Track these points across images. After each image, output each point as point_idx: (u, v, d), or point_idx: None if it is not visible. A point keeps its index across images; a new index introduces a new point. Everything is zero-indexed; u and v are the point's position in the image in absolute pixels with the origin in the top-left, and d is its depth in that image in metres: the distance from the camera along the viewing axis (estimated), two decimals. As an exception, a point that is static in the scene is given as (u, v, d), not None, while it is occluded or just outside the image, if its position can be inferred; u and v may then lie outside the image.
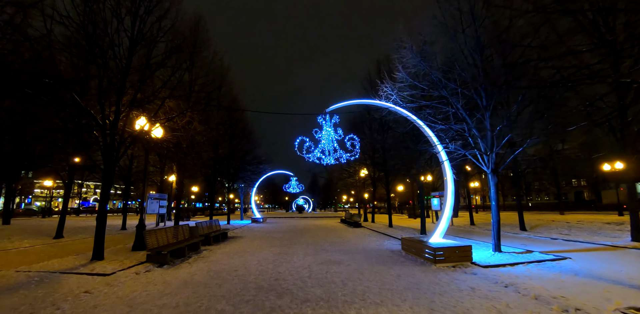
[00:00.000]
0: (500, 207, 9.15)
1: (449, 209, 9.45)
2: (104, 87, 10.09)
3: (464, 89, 10.10)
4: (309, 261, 8.60)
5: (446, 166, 9.70)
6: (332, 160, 9.96)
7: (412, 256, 9.40)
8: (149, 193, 22.06)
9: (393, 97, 9.77)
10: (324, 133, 9.72)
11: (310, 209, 71.48)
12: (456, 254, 8.16)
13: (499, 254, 9.23)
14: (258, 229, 20.29)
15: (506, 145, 10.09)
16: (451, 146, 10.05)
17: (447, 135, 10.15)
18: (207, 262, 8.81)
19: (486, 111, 10.00)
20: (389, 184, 20.82)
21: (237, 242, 13.26)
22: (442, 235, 9.42)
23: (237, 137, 23.05)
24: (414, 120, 9.88)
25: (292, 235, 15.90)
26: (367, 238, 14.60)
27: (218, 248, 11.65)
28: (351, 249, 10.91)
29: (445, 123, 10.04)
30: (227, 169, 22.76)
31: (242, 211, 31.26)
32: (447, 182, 9.56)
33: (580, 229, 16.79)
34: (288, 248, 11.31)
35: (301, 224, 25.23)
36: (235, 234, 16.44)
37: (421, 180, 14.94)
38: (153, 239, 9.10)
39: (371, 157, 23.33)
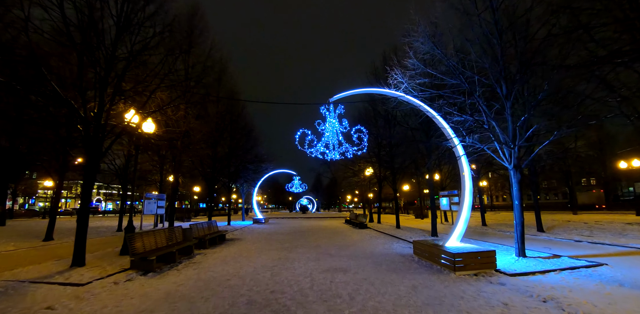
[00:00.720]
0: (520, 207, 8.19)
1: (467, 209, 8.47)
2: (87, 76, 9.26)
3: (481, 77, 9.14)
4: (311, 268, 7.67)
5: (463, 162, 8.72)
6: (337, 155, 8.98)
7: (426, 261, 8.44)
8: (146, 193, 21.32)
9: (404, 85, 8.81)
10: (328, 125, 8.74)
11: (314, 209, 70.53)
12: (478, 261, 7.19)
13: (524, 260, 8.25)
14: (259, 230, 19.40)
15: (529, 138, 9.08)
16: (468, 140, 9.08)
17: (464, 127, 9.17)
18: (198, 269, 7.92)
19: (507, 101, 9.02)
20: (396, 183, 19.84)
21: (235, 245, 12.38)
22: (459, 238, 8.45)
23: (238, 134, 22.18)
24: (427, 110, 8.92)
25: (294, 237, 14.98)
26: (374, 240, 13.64)
27: (213, 251, 10.76)
28: (358, 253, 9.96)
29: (462, 114, 9.07)
30: (227, 168, 21.90)
31: (244, 211, 30.39)
32: (464, 180, 8.58)
33: (601, 230, 15.70)
34: (289, 251, 10.39)
35: (304, 225, 24.31)
36: (234, 236, 15.56)
37: (431, 178, 13.94)
38: (139, 243, 8.23)
39: (377, 154, 22.37)
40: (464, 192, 8.54)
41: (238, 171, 22.73)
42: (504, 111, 9.09)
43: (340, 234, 16.12)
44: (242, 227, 21.38)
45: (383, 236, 15.21)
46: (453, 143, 8.86)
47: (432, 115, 8.97)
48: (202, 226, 12.78)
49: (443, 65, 9.29)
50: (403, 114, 15.71)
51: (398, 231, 17.22)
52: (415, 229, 18.55)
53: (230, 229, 19.51)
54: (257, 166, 25.42)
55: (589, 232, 15.02)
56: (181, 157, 13.50)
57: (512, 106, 9.14)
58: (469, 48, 9.17)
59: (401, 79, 8.73)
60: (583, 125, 8.63)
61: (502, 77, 9.12)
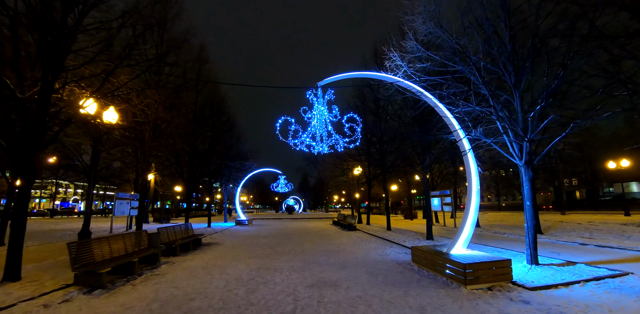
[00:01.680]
0: (532, 209, 7.15)
1: (473, 211, 7.41)
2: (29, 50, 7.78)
3: (487, 64, 8.14)
4: (295, 281, 6.44)
5: (470, 157, 7.67)
6: (326, 148, 7.74)
7: (428, 271, 7.34)
8: (117, 193, 19.59)
9: (403, 69, 7.70)
10: (316, 113, 7.50)
11: (301, 209, 69.21)
12: (492, 272, 6.12)
13: (538, 269, 7.25)
14: (241, 233, 18.02)
15: (542, 130, 8.10)
16: (474, 133, 8.04)
17: (469, 118, 8.13)
18: (159, 283, 6.58)
19: (516, 90, 8.03)
20: (386, 182, 18.82)
21: (210, 251, 11.02)
22: (465, 244, 7.38)
23: (219, 129, 20.72)
24: (428, 98, 7.83)
25: (278, 241, 13.71)
26: (366, 244, 12.51)
27: (184, 259, 9.40)
28: (349, 261, 8.79)
29: (468, 103, 8.02)
30: (208, 165, 20.41)
31: (226, 212, 28.80)
32: (471, 178, 7.53)
33: (600, 231, 15.07)
34: (270, 259, 9.13)
35: (290, 226, 23.03)
36: (212, 240, 14.17)
37: (426, 177, 12.92)
38: (87, 252, 6.83)
39: (367, 152, 21.31)
40: (471, 192, 7.49)
41: (219, 169, 21.25)
42: (512, 102, 8.12)
43: (328, 238, 14.94)
44: (223, 229, 19.93)
45: (374, 239, 14.10)
46: (458, 136, 7.80)
47: (433, 104, 7.89)
48: (174, 230, 11.37)
49: (445, 50, 8.23)
50: (397, 107, 14.69)
51: (390, 233, 16.17)
52: (407, 231, 17.55)
53: (209, 232, 18.06)
54: (239, 163, 23.97)
55: (589, 233, 14.32)
56: (151, 153, 12.02)
57: (522, 96, 8.18)
58: (473, 30, 8.16)
59: (400, 62, 7.61)
60: (601, 117, 7.69)
61: (511, 63, 8.15)
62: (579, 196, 58.41)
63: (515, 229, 17.24)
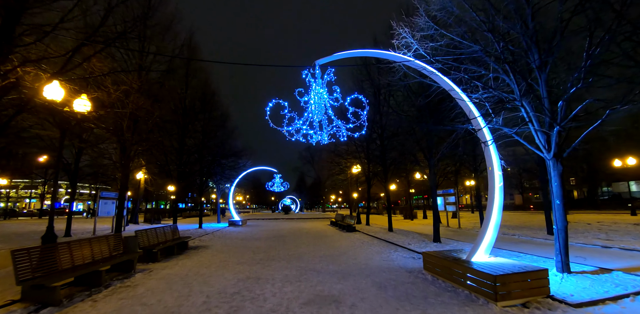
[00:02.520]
0: (563, 208, 6.05)
1: (497, 211, 6.38)
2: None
3: (508, 44, 7.14)
4: (289, 296, 5.37)
5: (491, 150, 6.65)
6: (326, 137, 6.61)
7: (445, 281, 6.30)
8: (101, 192, 18.38)
9: (414, 47, 6.67)
10: (313, 95, 6.38)
11: (297, 209, 68.09)
12: (526, 285, 5.08)
13: (572, 278, 6.24)
14: (233, 235, 16.91)
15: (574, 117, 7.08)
16: (495, 121, 7.02)
17: (490, 104, 7.11)
18: (126, 298, 5.47)
19: (540, 72, 7.03)
20: (387, 181, 17.79)
21: (196, 256, 9.91)
22: (488, 250, 6.35)
23: (211, 124, 19.58)
24: (444, 81, 6.79)
25: (272, 244, 12.63)
26: (368, 247, 11.47)
27: (164, 266, 8.29)
28: (351, 268, 7.73)
29: (486, 89, 7.00)
30: (199, 162, 19.27)
31: (219, 212, 27.59)
32: (493, 173, 6.50)
33: (616, 232, 14.16)
34: (262, 266, 8.05)
35: (286, 227, 21.93)
36: (200, 243, 13.05)
37: (434, 173, 11.89)
38: (44, 260, 5.72)
39: (366, 149, 20.29)
40: (494, 189, 6.46)
41: (211, 166, 20.11)
42: (535, 86, 7.11)
43: (326, 240, 13.87)
44: (214, 231, 18.79)
45: (377, 241, 13.06)
46: (477, 125, 6.76)
47: (449, 87, 6.85)
48: (155, 232, 10.25)
49: (461, 26, 7.20)
50: (401, 100, 13.66)
51: (392, 235, 15.13)
52: (410, 232, 16.53)
53: (199, 233, 16.92)
54: (233, 161, 22.84)
55: (605, 235, 13.39)
56: (132, 147, 10.88)
57: (548, 78, 7.18)
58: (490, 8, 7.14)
59: (410, 39, 6.56)
60: None
61: (534, 43, 7.16)
62: (576, 195, 57.87)
63: (524, 230, 16.29)
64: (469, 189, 54.24)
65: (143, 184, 28.90)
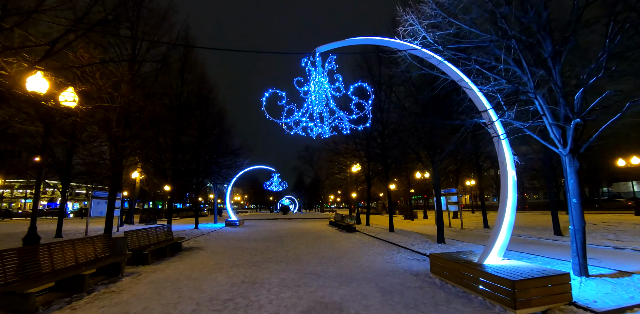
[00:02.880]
0: (580, 207, 5.55)
1: (510, 210, 5.94)
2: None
3: (520, 34, 6.71)
4: (287, 303, 4.91)
5: (504, 144, 6.20)
6: (328, 130, 6.12)
7: (454, 286, 5.84)
8: (93, 191, 17.87)
9: (421, 34, 6.22)
10: (313, 85, 5.90)
11: (296, 209, 67.60)
12: (547, 291, 4.64)
13: (591, 282, 5.80)
14: (229, 235, 16.43)
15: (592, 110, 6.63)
16: (507, 114, 6.58)
17: (501, 95, 6.67)
18: (108, 306, 5.00)
19: (554, 63, 6.60)
20: (388, 180, 17.34)
21: (189, 258, 9.44)
22: (501, 253, 5.90)
23: (207, 122, 19.11)
24: (453, 72, 6.35)
25: (270, 245, 12.16)
26: (369, 248, 11.01)
27: (155, 269, 7.81)
28: (353, 271, 7.27)
29: (498, 80, 6.56)
30: (195, 161, 18.78)
31: (216, 212, 27.05)
32: (506, 169, 6.06)
33: (624, 233, 13.76)
34: (258, 269, 7.59)
35: (284, 227, 21.45)
36: (195, 244, 12.56)
37: (438, 171, 11.43)
38: (23, 263, 5.25)
39: (366, 147, 19.85)
40: (507, 187, 6.01)
41: (207, 165, 19.61)
42: (551, 77, 6.68)
43: (326, 240, 13.41)
44: (210, 231, 18.30)
45: (378, 242, 12.60)
46: (489, 119, 6.32)
47: (458, 78, 6.41)
48: (147, 233, 9.77)
49: (470, 14, 6.76)
50: (402, 96, 13.20)
51: (393, 235, 14.69)
52: (411, 232, 16.09)
53: (194, 234, 16.43)
54: (230, 160, 22.34)
55: (614, 235, 12.98)
56: (124, 144, 10.37)
57: (563, 70, 6.76)
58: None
59: (418, 26, 6.11)
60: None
61: (547, 33, 6.74)
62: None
63: (528, 230, 15.87)
64: (469, 189, 53.89)
65: (139, 184, 28.40)
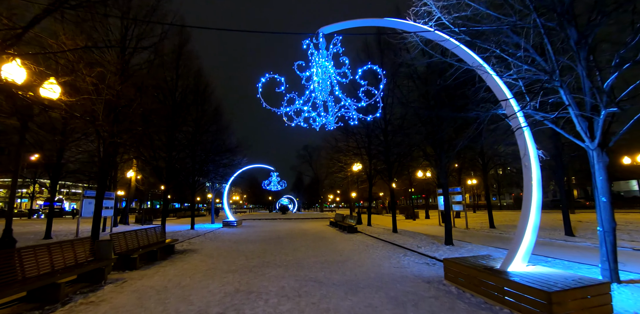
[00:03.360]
0: (609, 206, 4.85)
1: (535, 210, 5.32)
2: None
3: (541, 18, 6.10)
4: (287, 318, 4.29)
5: (527, 137, 5.59)
6: (332, 120, 5.43)
7: (474, 295, 5.23)
8: (85, 191, 17.20)
9: (435, 16, 5.61)
10: (317, 70, 5.22)
11: (295, 209, 66.98)
12: (586, 302, 4.03)
13: (625, 290, 5.21)
14: (226, 236, 15.79)
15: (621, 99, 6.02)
16: (530, 105, 5.97)
17: (523, 83, 6.06)
18: (82, 321, 4.37)
19: (579, 50, 5.99)
20: (392, 178, 16.73)
21: (181, 262, 8.80)
22: (526, 258, 5.29)
23: (203, 119, 18.45)
24: (469, 56, 5.73)
25: (268, 247, 11.53)
26: (373, 250, 10.40)
27: (142, 275, 7.17)
28: (359, 277, 6.66)
29: (518, 68, 5.96)
30: (191, 158, 18.13)
31: (213, 212, 26.38)
32: (530, 164, 5.45)
33: (636, 232, 13.24)
34: (255, 275, 6.96)
35: (283, 228, 20.82)
36: (189, 246, 11.93)
37: (446, 168, 10.83)
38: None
39: (367, 145, 19.25)
40: (531, 185, 5.39)
41: (203, 164, 18.96)
42: (576, 66, 6.07)
43: (326, 242, 12.79)
44: (207, 232, 17.66)
45: (382, 244, 11.99)
46: (509, 109, 5.71)
47: (476, 63, 5.79)
48: (136, 235, 9.13)
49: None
50: (406, 90, 12.60)
51: (397, 236, 14.08)
52: (416, 233, 15.48)
53: (189, 235, 15.79)
54: (228, 159, 21.68)
55: (628, 235, 12.43)
56: (112, 139, 9.70)
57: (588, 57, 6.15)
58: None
59: (432, 4, 5.49)
60: None
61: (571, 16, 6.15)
62: (576, 194, 57.24)
63: (543, 231, 15.30)
64: (470, 188, 53.28)
65: (134, 183, 27.71)
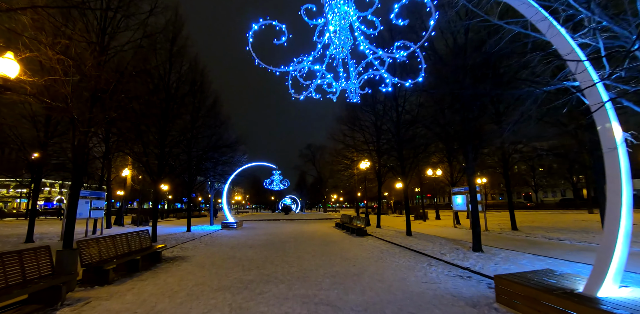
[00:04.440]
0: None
1: (626, 213, 3.91)
2: None
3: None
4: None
5: (611, 116, 4.17)
6: (356, 84, 3.80)
7: (547, 329, 3.82)
8: (69, 189, 15.93)
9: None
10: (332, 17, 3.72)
11: (298, 209, 65.59)
12: None
13: None
14: (223, 240, 14.45)
15: None
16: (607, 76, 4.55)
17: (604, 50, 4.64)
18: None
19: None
20: (406, 174, 15.31)
21: (165, 274, 7.44)
22: (618, 278, 3.88)
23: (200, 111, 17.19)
24: (531, 4, 4.34)
25: (269, 254, 10.17)
26: (391, 258, 9.00)
27: (112, 293, 5.81)
28: (382, 298, 5.26)
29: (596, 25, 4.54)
30: (186, 154, 16.83)
31: (212, 213, 25.02)
32: (616, 149, 4.03)
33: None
34: (251, 294, 5.59)
35: (286, 230, 19.42)
36: (179, 253, 10.58)
37: (473, 160, 9.37)
38: None
39: (376, 141, 17.90)
40: (618, 178, 3.98)
41: (200, 161, 17.63)
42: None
43: (335, 247, 11.41)
44: (203, 235, 16.32)
45: (399, 249, 10.58)
46: (586, 75, 4.29)
47: (538, 16, 4.38)
48: (114, 241, 7.79)
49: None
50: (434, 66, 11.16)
51: (413, 240, 12.66)
52: (433, 236, 14.05)
53: (184, 238, 14.45)
54: (225, 154, 20.35)
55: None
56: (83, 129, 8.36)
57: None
58: None
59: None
60: None
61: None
62: (585, 194, 55.61)
63: (565, 233, 13.85)
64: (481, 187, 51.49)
65: (130, 182, 26.48)
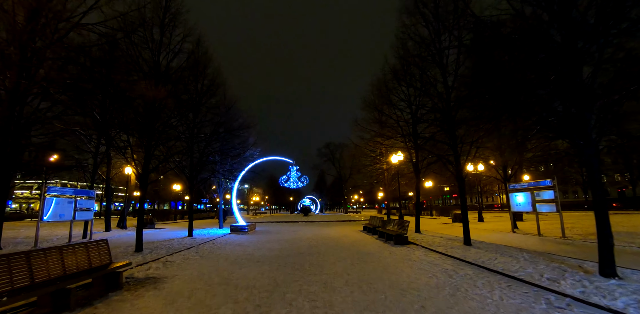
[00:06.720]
0: None
1: None
2: None
3: None
4: None
5: None
6: None
7: None
8: (48, 186, 13.43)
9: None
10: None
11: (317, 210, 62.48)
12: None
13: None
14: (227, 249, 11.50)
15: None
16: None
17: None
18: None
19: None
20: (460, 167, 11.91)
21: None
22: None
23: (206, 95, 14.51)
24: None
25: (280, 277, 7.09)
26: (472, 286, 5.72)
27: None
28: None
29: None
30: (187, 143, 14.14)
31: (221, 215, 22.17)
32: None
33: None
34: None
35: (305, 235, 16.23)
36: (155, 271, 7.67)
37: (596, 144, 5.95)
38: None
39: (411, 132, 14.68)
40: None
41: (203, 154, 14.86)
42: None
43: (376, 265, 8.19)
44: (204, 241, 13.44)
45: (472, 270, 7.23)
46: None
47: None
48: (44, 255, 4.94)
49: None
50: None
51: (480, 253, 9.25)
52: (504, 247, 10.55)
53: (179, 247, 11.62)
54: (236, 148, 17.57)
55: None
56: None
57: None
58: None
59: None
60: None
61: None
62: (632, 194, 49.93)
63: (619, 237, 10.05)
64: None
65: (134, 181, 24.19)
